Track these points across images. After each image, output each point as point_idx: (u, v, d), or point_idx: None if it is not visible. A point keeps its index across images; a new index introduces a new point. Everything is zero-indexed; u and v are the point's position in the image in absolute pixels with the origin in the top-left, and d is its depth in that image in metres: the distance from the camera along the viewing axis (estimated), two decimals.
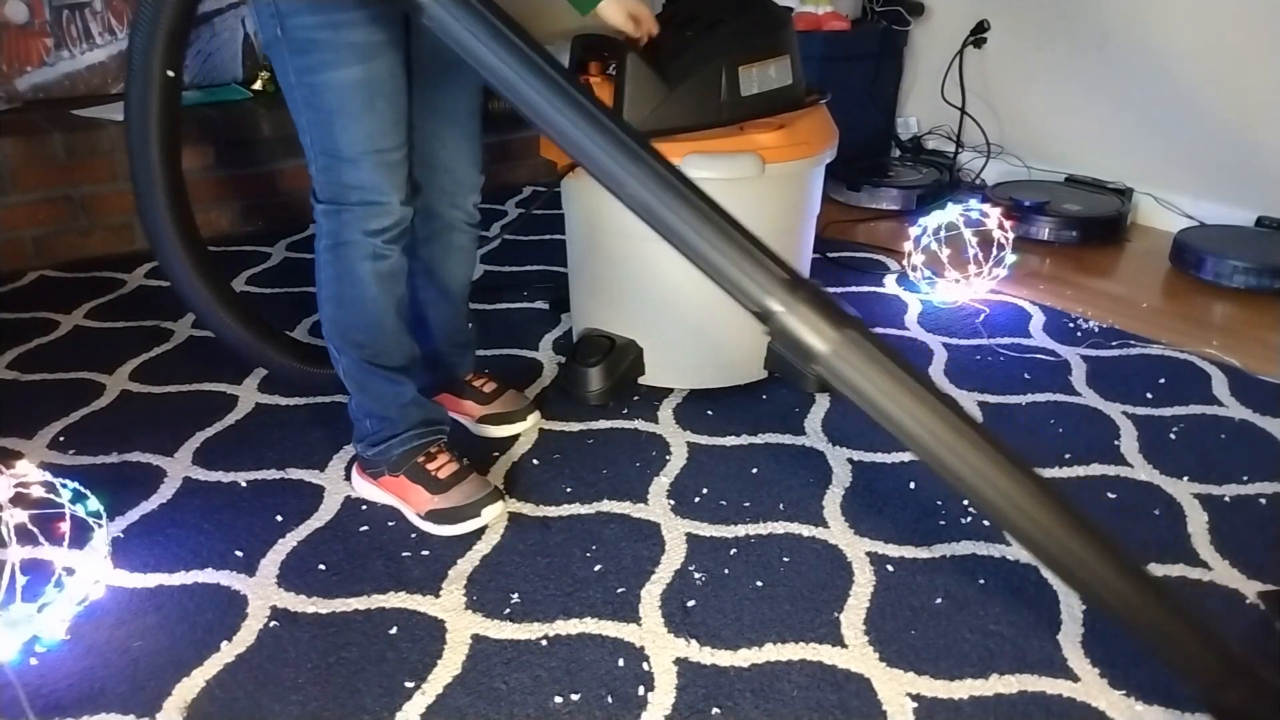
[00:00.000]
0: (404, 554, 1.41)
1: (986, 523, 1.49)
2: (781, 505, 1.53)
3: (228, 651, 1.23)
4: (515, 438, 1.70)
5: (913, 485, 1.58)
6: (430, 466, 1.49)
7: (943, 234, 2.27)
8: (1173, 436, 1.73)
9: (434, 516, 1.45)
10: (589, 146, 1.07)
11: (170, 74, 1.54)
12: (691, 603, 1.32)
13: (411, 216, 1.41)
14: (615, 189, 1.09)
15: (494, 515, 1.46)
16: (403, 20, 1.31)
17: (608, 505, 1.52)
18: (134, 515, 1.48)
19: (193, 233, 1.68)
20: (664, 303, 1.79)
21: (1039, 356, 2.03)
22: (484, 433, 1.71)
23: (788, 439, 1.72)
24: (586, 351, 1.81)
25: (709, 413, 1.80)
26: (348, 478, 1.58)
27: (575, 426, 1.74)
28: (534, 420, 1.73)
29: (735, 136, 1.65)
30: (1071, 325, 2.17)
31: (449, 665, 1.21)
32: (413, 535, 1.45)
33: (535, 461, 1.64)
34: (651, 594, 1.33)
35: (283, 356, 1.77)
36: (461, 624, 1.28)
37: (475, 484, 1.48)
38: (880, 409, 1.05)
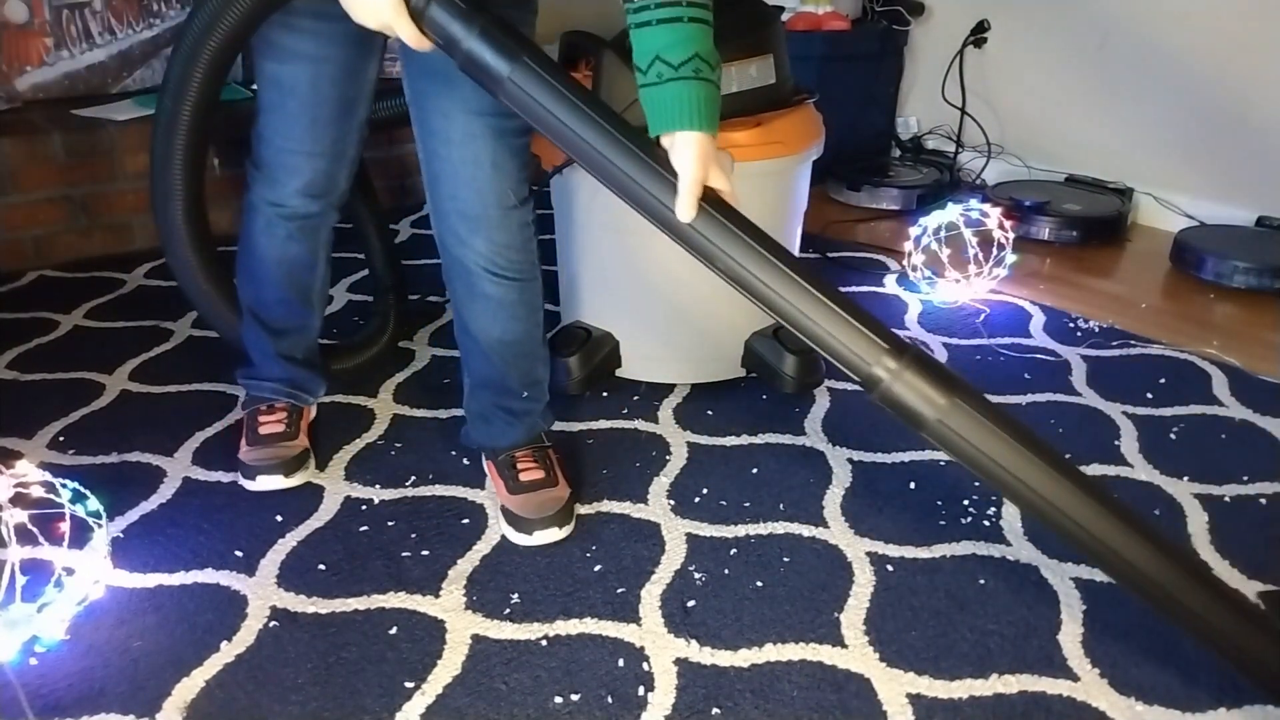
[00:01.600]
0: (404, 554, 1.41)
1: (987, 523, 1.49)
2: (781, 505, 1.53)
3: (227, 651, 1.23)
4: None
5: (913, 485, 1.58)
6: (260, 419, 1.59)
7: (943, 234, 2.27)
8: (1173, 437, 1.73)
9: (239, 465, 1.55)
10: (682, 229, 1.09)
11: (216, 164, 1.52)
12: (691, 603, 1.32)
13: (316, 211, 1.47)
14: (706, 260, 1.11)
15: (269, 484, 1.51)
16: (356, 36, 1.26)
17: (608, 505, 1.52)
18: (134, 515, 1.48)
19: (207, 238, 1.62)
20: (640, 297, 1.81)
21: (1039, 356, 2.03)
22: (506, 535, 1.44)
23: (788, 439, 1.72)
24: (562, 343, 1.84)
25: (709, 413, 1.80)
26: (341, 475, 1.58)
27: (575, 426, 1.74)
28: (549, 538, 1.42)
29: None
30: (1072, 325, 2.17)
31: (449, 665, 1.21)
32: (412, 535, 1.45)
33: None
34: (651, 594, 1.33)
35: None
36: (461, 624, 1.28)
37: (274, 450, 1.54)
38: (992, 474, 1.08)
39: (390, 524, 1.47)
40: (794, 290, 1.08)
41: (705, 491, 1.56)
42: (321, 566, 1.38)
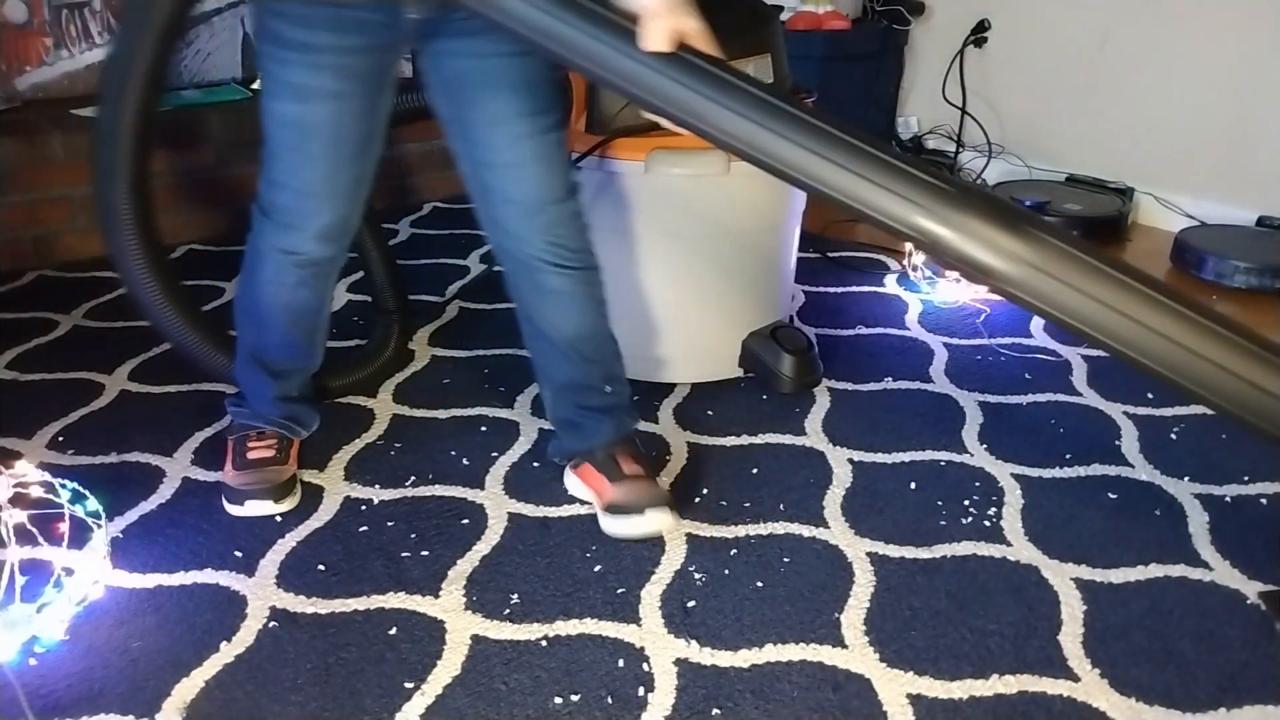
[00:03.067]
0: (403, 554, 1.41)
1: (987, 523, 1.49)
2: (781, 505, 1.53)
3: (227, 652, 1.22)
4: (514, 441, 1.70)
5: (913, 485, 1.58)
6: (250, 444, 1.54)
7: None
8: (1173, 437, 1.73)
9: (223, 489, 1.51)
10: (663, 85, 1.03)
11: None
12: (691, 603, 1.32)
13: (329, 255, 1.41)
14: (702, 124, 1.03)
15: (258, 510, 1.47)
16: (377, 70, 1.28)
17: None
18: (133, 515, 1.48)
19: (158, 248, 1.60)
20: (639, 296, 1.80)
21: (1040, 356, 2.03)
22: (605, 528, 1.44)
23: (788, 439, 1.72)
24: None
25: (709, 413, 1.80)
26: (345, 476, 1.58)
27: None
28: (661, 520, 1.41)
29: None
30: None
31: (449, 666, 1.21)
32: (412, 536, 1.45)
33: (535, 464, 1.63)
34: (651, 594, 1.33)
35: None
36: (461, 624, 1.28)
37: (263, 474, 1.50)
38: (1081, 317, 0.95)
39: (390, 524, 1.47)
40: (811, 135, 0.96)
41: (705, 491, 1.56)
42: (321, 567, 1.38)
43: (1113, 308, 0.94)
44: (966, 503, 1.54)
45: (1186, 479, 1.60)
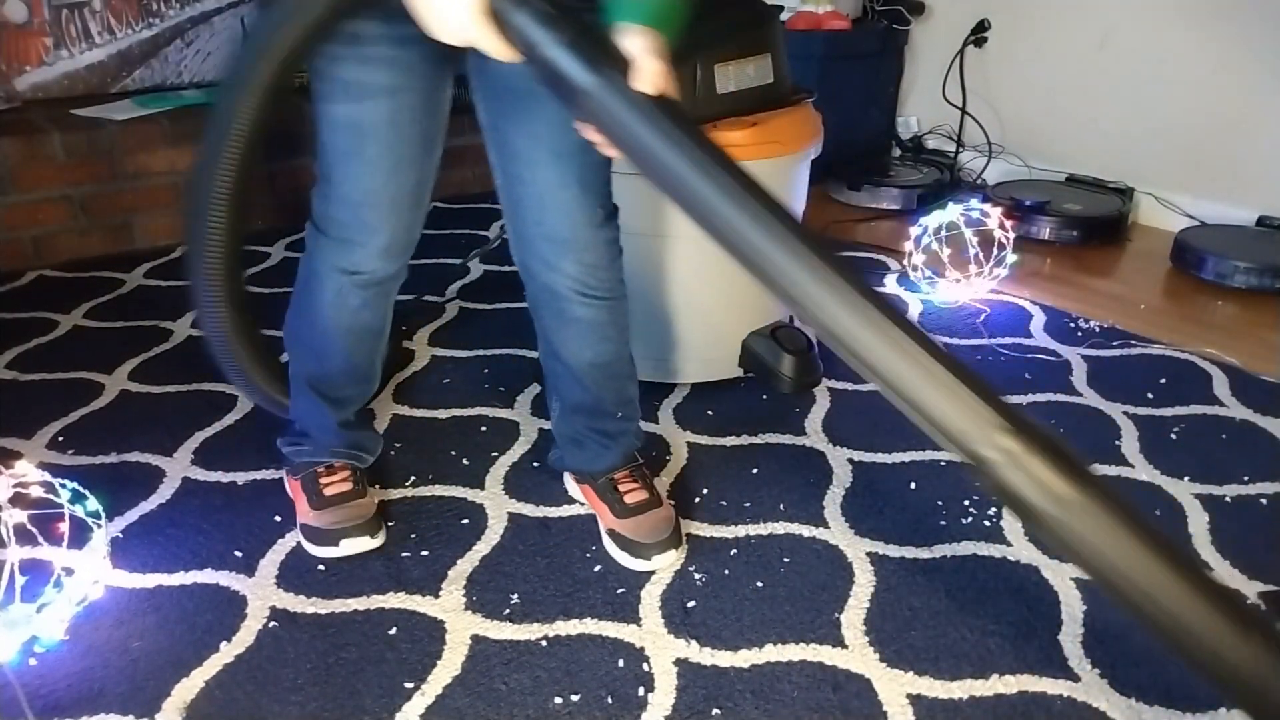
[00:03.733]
0: (403, 554, 1.41)
1: (987, 523, 1.49)
2: (781, 505, 1.53)
3: (227, 652, 1.22)
4: (514, 441, 1.70)
5: (913, 485, 1.58)
6: (323, 480, 1.44)
7: (943, 234, 2.26)
8: (1174, 437, 1.73)
9: (304, 531, 1.43)
10: (746, 237, 0.96)
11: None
12: (691, 603, 1.32)
13: (393, 273, 1.32)
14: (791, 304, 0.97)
15: (355, 547, 1.38)
16: (434, 61, 1.18)
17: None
18: (133, 515, 1.48)
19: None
20: (637, 296, 1.80)
21: (1040, 356, 2.03)
22: (610, 553, 1.42)
23: (788, 439, 1.71)
24: None
25: (709, 413, 1.80)
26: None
27: None
28: (667, 561, 1.38)
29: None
30: (1072, 325, 2.17)
31: (449, 666, 1.21)
32: (412, 536, 1.45)
33: (535, 464, 1.63)
34: (651, 594, 1.33)
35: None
36: (461, 624, 1.28)
37: (350, 510, 1.41)
38: (1121, 591, 0.89)
39: (390, 524, 1.47)
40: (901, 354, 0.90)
41: (705, 491, 1.56)
42: (321, 567, 1.38)
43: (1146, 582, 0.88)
44: (966, 503, 1.54)
45: (1186, 479, 1.60)
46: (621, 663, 1.21)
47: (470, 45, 1.01)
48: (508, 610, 1.30)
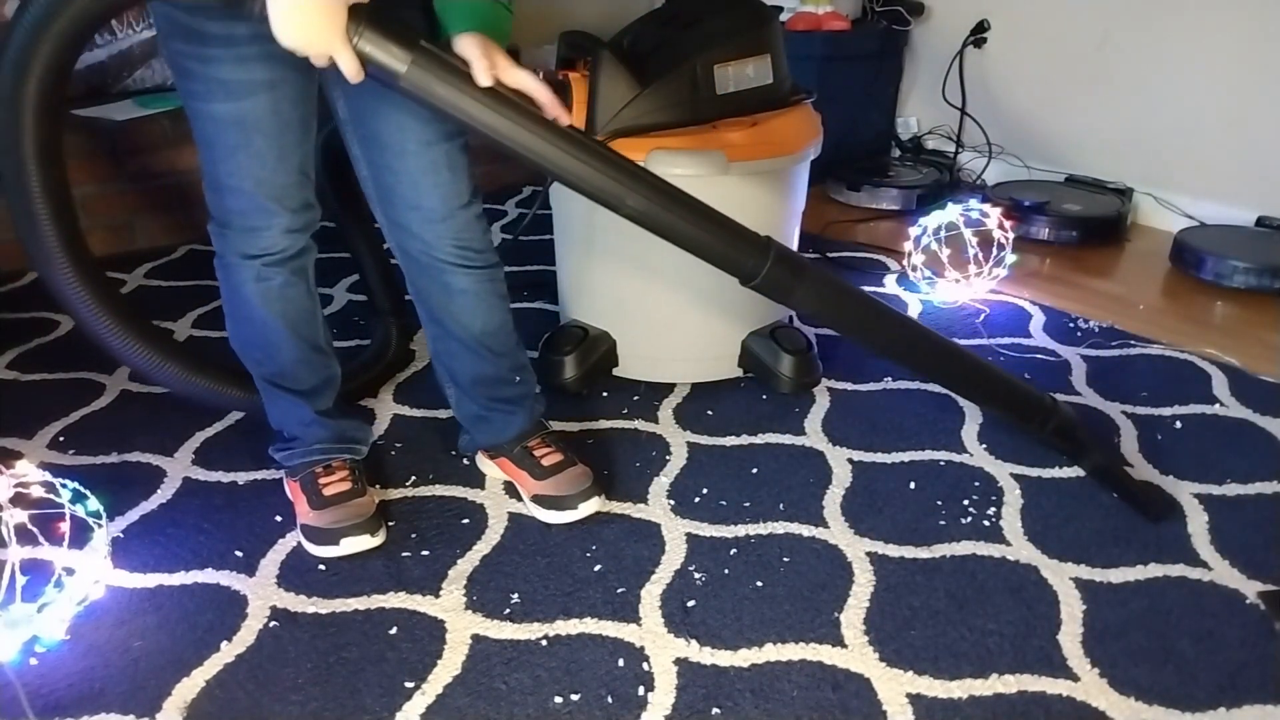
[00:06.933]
0: (404, 554, 1.41)
1: (987, 523, 1.49)
2: (781, 505, 1.53)
3: (227, 651, 1.23)
4: None
5: (913, 485, 1.58)
6: (322, 480, 1.46)
7: (943, 234, 2.27)
8: (1173, 436, 1.73)
9: (305, 531, 1.43)
10: (568, 162, 1.16)
11: None
12: (691, 603, 1.32)
13: (303, 246, 1.37)
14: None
15: (353, 547, 1.39)
16: (300, 57, 1.21)
17: (608, 505, 1.52)
18: (134, 515, 1.48)
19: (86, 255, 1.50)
20: (636, 296, 1.81)
21: (1039, 356, 2.03)
22: (535, 515, 1.49)
23: (788, 439, 1.72)
24: (560, 342, 1.85)
25: (709, 413, 1.80)
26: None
27: (575, 426, 1.74)
28: (592, 508, 1.48)
29: (704, 134, 1.66)
30: (1071, 325, 2.17)
31: (449, 665, 1.21)
32: (413, 535, 1.45)
33: None
34: (651, 594, 1.33)
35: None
36: (461, 624, 1.28)
37: (350, 509, 1.42)
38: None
39: (390, 524, 1.47)
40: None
41: (705, 491, 1.56)
42: (321, 566, 1.38)
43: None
44: (966, 502, 1.54)
45: (1186, 479, 1.60)
46: (621, 662, 1.22)
47: (323, 61, 1.08)
48: (508, 610, 1.30)
